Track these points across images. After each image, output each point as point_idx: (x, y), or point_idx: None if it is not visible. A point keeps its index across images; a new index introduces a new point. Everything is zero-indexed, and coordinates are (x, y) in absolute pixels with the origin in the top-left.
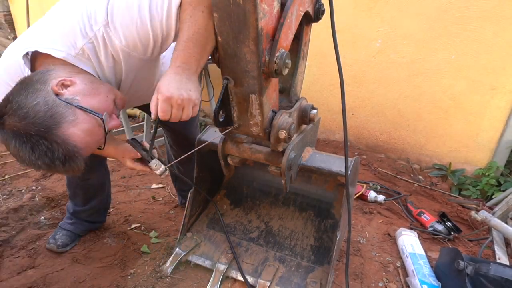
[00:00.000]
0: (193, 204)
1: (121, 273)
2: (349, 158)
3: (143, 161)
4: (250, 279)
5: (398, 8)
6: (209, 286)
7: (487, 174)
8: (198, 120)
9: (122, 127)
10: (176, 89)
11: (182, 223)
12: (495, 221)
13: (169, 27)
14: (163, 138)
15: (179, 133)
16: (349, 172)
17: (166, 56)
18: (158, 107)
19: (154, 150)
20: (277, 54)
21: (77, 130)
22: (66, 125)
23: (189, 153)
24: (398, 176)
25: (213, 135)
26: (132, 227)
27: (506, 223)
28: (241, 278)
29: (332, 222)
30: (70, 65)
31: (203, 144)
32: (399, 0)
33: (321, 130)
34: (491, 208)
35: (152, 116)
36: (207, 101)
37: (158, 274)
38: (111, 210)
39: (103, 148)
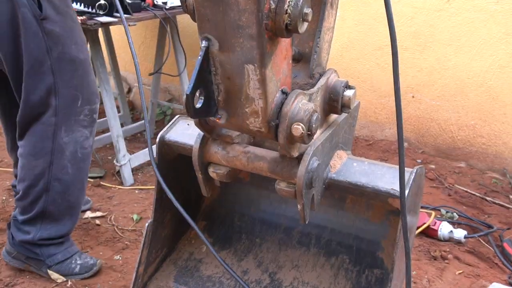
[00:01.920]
0: (151, 245)
1: None
2: (407, 169)
3: None
4: None
5: None
6: None
7: None
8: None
9: None
10: None
11: (134, 274)
12: None
13: None
14: None
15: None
16: (407, 191)
17: None
18: None
19: None
20: None
21: None
22: None
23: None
24: (488, 199)
25: (184, 130)
26: (54, 280)
27: None
28: None
29: (380, 274)
30: None
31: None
32: None
33: (361, 122)
34: None
35: None
36: (176, 75)
37: None
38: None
39: None
